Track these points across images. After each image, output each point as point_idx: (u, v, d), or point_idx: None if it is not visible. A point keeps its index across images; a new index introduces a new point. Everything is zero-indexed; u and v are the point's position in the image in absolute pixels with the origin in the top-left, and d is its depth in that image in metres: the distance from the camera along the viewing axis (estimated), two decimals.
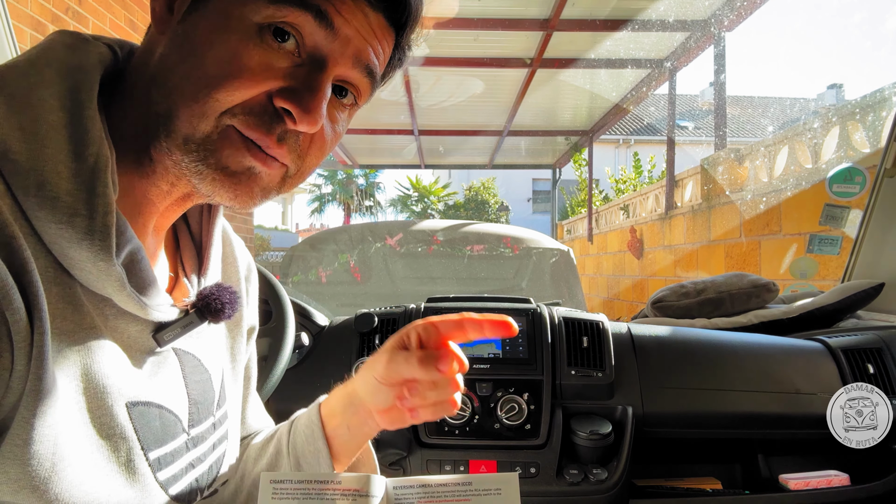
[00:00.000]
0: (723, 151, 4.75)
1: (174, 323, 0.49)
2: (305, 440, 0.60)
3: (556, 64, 5.30)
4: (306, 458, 0.59)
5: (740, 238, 4.23)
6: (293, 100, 0.44)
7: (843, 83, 31.21)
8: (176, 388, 0.49)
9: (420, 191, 16.86)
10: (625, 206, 7.13)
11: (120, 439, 0.42)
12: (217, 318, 0.51)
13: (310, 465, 0.59)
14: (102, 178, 0.40)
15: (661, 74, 5.58)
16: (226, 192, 0.46)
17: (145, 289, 0.45)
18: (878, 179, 1.40)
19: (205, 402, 0.54)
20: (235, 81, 0.43)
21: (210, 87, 0.42)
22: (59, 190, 0.39)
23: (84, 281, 0.41)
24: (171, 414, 0.48)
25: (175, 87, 0.43)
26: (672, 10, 4.65)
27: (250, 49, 0.43)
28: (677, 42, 5.14)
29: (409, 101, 6.26)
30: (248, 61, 0.43)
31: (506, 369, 1.01)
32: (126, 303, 0.43)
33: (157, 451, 0.46)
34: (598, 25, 4.64)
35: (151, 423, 0.45)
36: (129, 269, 0.43)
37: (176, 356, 0.50)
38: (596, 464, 0.94)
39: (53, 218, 0.39)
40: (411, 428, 0.97)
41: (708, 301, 1.40)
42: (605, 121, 7.21)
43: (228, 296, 0.52)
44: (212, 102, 0.43)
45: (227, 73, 0.43)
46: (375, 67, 0.49)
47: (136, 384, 0.44)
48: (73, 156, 0.40)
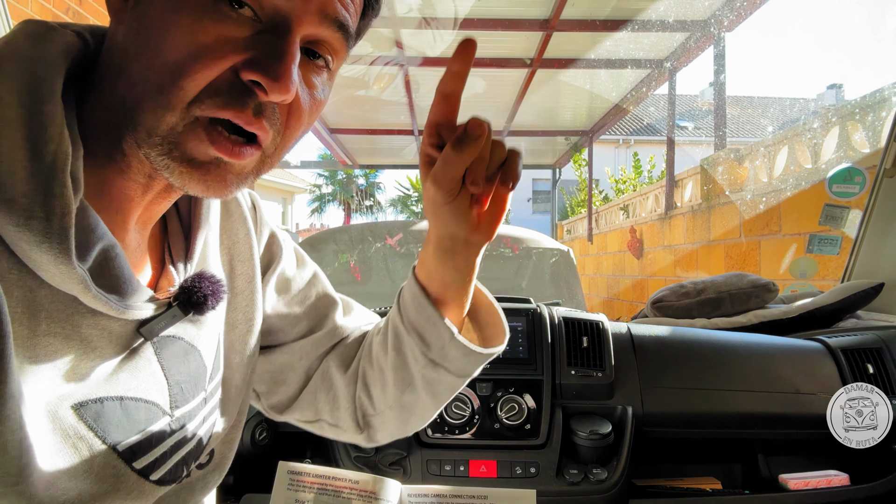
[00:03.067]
0: (722, 151, 4.75)
1: (158, 317, 0.47)
2: (416, 313, 0.57)
3: (556, 64, 5.30)
4: (426, 330, 0.57)
5: (740, 238, 4.24)
6: (259, 69, 0.41)
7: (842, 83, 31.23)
8: (149, 375, 0.48)
9: (420, 191, 16.86)
10: (625, 206, 7.13)
11: (77, 440, 0.42)
12: (200, 311, 0.50)
13: (433, 336, 0.57)
14: (59, 178, 0.38)
15: (660, 74, 5.58)
16: (197, 184, 0.44)
17: (119, 287, 0.43)
18: (878, 179, 1.41)
19: (191, 381, 0.52)
20: (196, 64, 0.40)
21: (174, 76, 0.40)
22: (15, 191, 0.37)
23: (51, 282, 0.40)
24: (139, 402, 0.47)
25: (138, 78, 0.41)
26: (672, 10, 4.65)
27: (206, 24, 0.40)
28: (677, 42, 5.14)
29: (409, 101, 6.26)
30: (205, 38, 0.40)
31: (506, 369, 1.01)
32: (93, 303, 0.42)
33: (128, 442, 0.45)
34: (598, 26, 4.64)
35: (111, 417, 0.44)
36: (100, 268, 0.41)
37: (150, 343, 0.49)
38: (596, 464, 0.94)
39: (10, 220, 0.37)
40: None
41: (708, 301, 1.40)
42: (605, 121, 7.22)
43: (210, 286, 0.50)
44: (177, 92, 0.40)
45: (187, 56, 0.40)
46: (346, 20, 0.46)
47: (92, 383, 0.43)
48: (30, 154, 0.38)
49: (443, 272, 0.55)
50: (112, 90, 0.44)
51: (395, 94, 6.02)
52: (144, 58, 0.41)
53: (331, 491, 0.45)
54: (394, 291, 0.82)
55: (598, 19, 4.58)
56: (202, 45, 0.40)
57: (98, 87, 0.45)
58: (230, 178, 0.45)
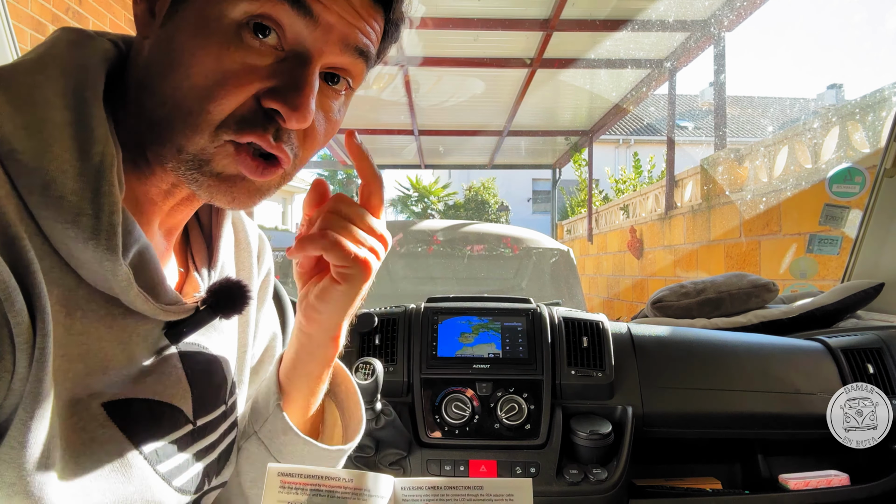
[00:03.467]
0: (723, 151, 4.75)
1: (186, 320, 0.48)
2: (264, 396, 0.59)
3: (556, 64, 5.30)
4: (260, 413, 0.58)
5: (740, 238, 4.23)
6: (280, 99, 0.43)
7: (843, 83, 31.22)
8: (175, 381, 0.49)
9: (420, 191, 16.85)
10: (625, 206, 7.13)
11: (107, 439, 0.42)
12: (228, 314, 0.51)
13: (267, 420, 0.57)
14: (108, 178, 0.40)
15: (661, 74, 5.58)
16: (223, 197, 0.46)
17: (154, 288, 0.44)
18: (878, 179, 1.41)
19: (213, 392, 0.53)
20: (222, 90, 0.42)
21: (201, 101, 0.42)
22: (65, 189, 0.39)
23: (91, 281, 0.41)
24: (166, 407, 0.48)
25: (167, 98, 0.43)
26: (672, 10, 4.65)
27: (232, 52, 0.42)
28: (677, 42, 5.14)
29: (409, 101, 6.26)
30: (230, 66, 0.42)
31: (506, 369, 1.01)
32: (134, 302, 0.43)
33: (153, 445, 0.46)
34: (598, 25, 4.64)
35: (140, 419, 0.45)
36: (137, 269, 0.43)
37: (177, 348, 0.50)
38: (596, 464, 0.94)
39: (59, 218, 0.38)
40: (411, 428, 0.98)
41: (708, 301, 1.40)
42: (605, 121, 7.21)
43: (238, 289, 0.51)
44: (205, 115, 0.42)
45: (214, 83, 0.42)
46: (368, 48, 0.47)
47: (121, 383, 0.44)
48: (79, 155, 0.39)
49: (292, 363, 0.56)
50: (138, 103, 0.45)
51: (395, 94, 6.02)
52: (173, 79, 0.43)
53: (324, 491, 0.44)
54: (394, 291, 0.81)
55: (598, 19, 4.58)
56: (228, 72, 0.42)
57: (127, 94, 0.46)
58: (254, 191, 0.47)
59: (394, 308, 1.12)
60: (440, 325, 1.06)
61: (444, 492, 0.47)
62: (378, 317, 1.08)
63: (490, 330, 1.06)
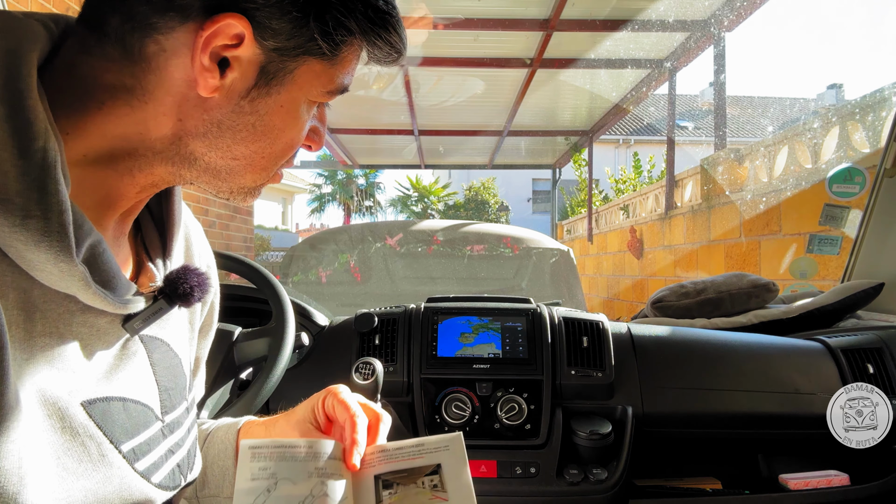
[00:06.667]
0: (723, 151, 4.75)
1: (144, 311, 0.48)
2: (217, 455, 0.64)
3: (556, 64, 5.29)
4: (213, 472, 0.64)
5: (740, 238, 4.23)
6: (315, 140, 0.54)
7: (843, 83, 31.21)
8: (143, 378, 0.49)
9: (420, 191, 16.86)
10: (625, 206, 7.13)
11: (86, 438, 0.42)
12: (187, 302, 0.50)
13: (214, 477, 0.64)
14: (53, 175, 0.37)
15: (661, 74, 5.58)
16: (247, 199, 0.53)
17: (109, 281, 0.43)
18: (878, 179, 1.41)
19: (177, 388, 0.53)
20: (293, 150, 0.51)
21: (277, 159, 0.50)
22: (8, 191, 0.36)
23: (46, 281, 0.40)
24: (137, 404, 0.47)
25: (242, 156, 0.48)
26: (672, 10, 4.65)
27: (306, 122, 0.51)
28: (677, 42, 5.13)
29: (409, 101, 6.25)
30: (304, 133, 0.51)
31: (506, 369, 1.01)
32: (92, 299, 0.42)
33: (130, 443, 0.46)
34: (598, 25, 4.64)
35: (115, 417, 0.44)
36: (90, 264, 0.41)
37: (143, 344, 0.50)
38: (596, 464, 0.94)
39: (5, 221, 0.36)
40: (411, 428, 0.98)
41: (708, 301, 1.40)
42: (605, 121, 7.21)
43: (196, 278, 0.51)
44: (275, 167, 0.51)
45: (291, 147, 0.51)
46: None
47: (94, 382, 0.43)
48: (19, 152, 0.37)
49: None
50: (181, 141, 0.46)
51: (395, 94, 6.02)
52: (258, 145, 0.48)
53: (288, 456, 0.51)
54: (394, 291, 0.82)
55: (598, 19, 4.57)
56: (302, 138, 0.51)
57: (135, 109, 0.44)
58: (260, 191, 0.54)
59: (394, 308, 1.12)
60: (440, 325, 1.06)
61: (392, 452, 0.56)
62: (378, 317, 1.08)
63: (490, 330, 1.06)
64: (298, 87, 0.47)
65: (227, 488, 0.63)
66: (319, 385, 1.04)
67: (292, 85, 0.47)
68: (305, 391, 1.04)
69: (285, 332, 0.98)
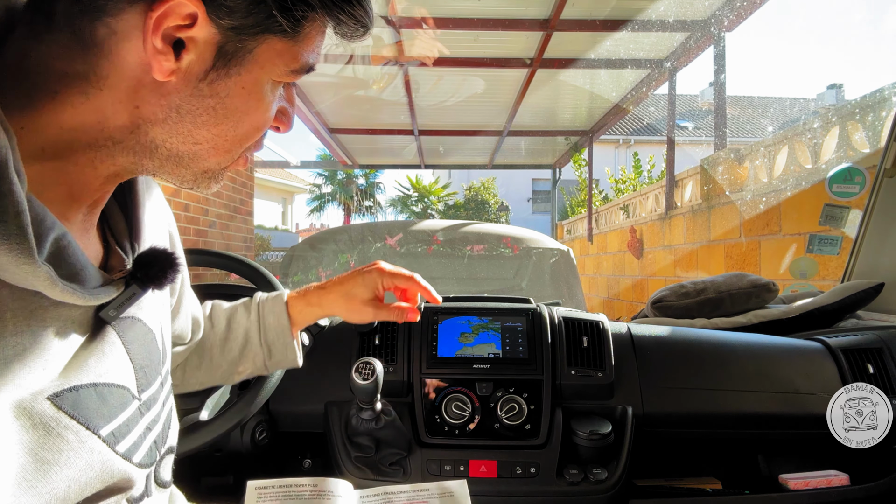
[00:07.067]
0: (723, 151, 4.75)
1: (117, 298, 0.47)
2: (277, 336, 0.78)
3: (556, 64, 5.29)
4: (279, 349, 0.79)
5: (740, 238, 4.23)
6: (284, 121, 0.53)
7: (843, 83, 31.20)
8: (117, 360, 0.48)
9: (420, 191, 16.86)
10: (625, 206, 7.13)
11: (63, 430, 0.41)
12: (160, 285, 0.50)
13: (278, 352, 0.79)
14: (6, 176, 0.36)
15: (661, 74, 5.57)
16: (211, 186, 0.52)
17: (77, 274, 0.42)
18: (878, 179, 1.41)
19: (151, 365, 0.53)
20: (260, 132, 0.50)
21: (243, 141, 0.49)
22: None
23: (12, 281, 0.39)
24: (112, 387, 0.47)
25: (205, 139, 0.47)
26: (672, 10, 4.65)
27: (271, 104, 0.50)
28: (677, 42, 5.13)
29: (409, 101, 6.25)
30: (270, 114, 0.50)
31: (506, 369, 1.01)
32: (60, 296, 0.41)
33: (109, 427, 0.45)
34: (598, 25, 4.63)
35: (89, 404, 0.44)
36: (56, 258, 0.40)
37: (115, 325, 0.49)
38: (596, 464, 0.94)
39: None
40: (411, 428, 0.98)
41: (708, 301, 1.40)
42: (605, 121, 7.21)
43: (167, 259, 0.50)
44: (240, 150, 0.50)
45: (257, 129, 0.50)
46: None
47: (61, 374, 0.43)
48: None
49: (320, 315, 0.81)
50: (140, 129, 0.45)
51: (395, 94, 6.02)
52: (220, 128, 0.47)
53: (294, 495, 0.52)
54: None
55: (598, 19, 4.57)
56: (269, 120, 0.50)
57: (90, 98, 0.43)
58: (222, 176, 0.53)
59: None
60: (440, 325, 1.06)
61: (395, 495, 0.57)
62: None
63: (490, 330, 1.06)
64: (260, 67, 0.46)
65: (289, 355, 0.80)
66: (319, 385, 1.04)
67: (253, 65, 0.45)
68: (305, 391, 1.05)
69: None
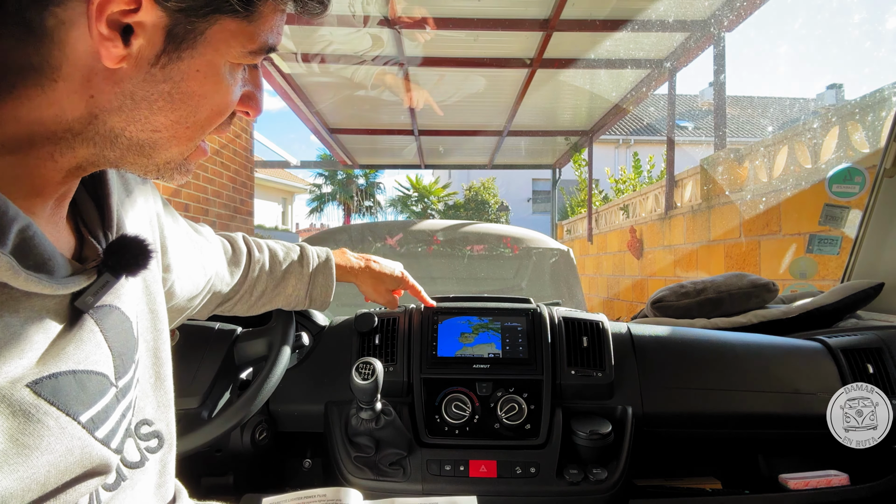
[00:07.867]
0: (722, 151, 4.75)
1: (91, 286, 0.47)
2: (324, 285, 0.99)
3: (556, 64, 5.29)
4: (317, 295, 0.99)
5: (740, 238, 4.23)
6: (252, 106, 0.52)
7: (843, 83, 31.17)
8: (96, 347, 0.48)
9: (420, 191, 16.86)
10: (624, 206, 7.13)
11: (43, 415, 0.41)
12: (132, 272, 0.50)
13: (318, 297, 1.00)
14: None
15: (660, 74, 5.57)
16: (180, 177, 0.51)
17: (45, 264, 0.43)
18: (878, 179, 1.41)
19: (128, 352, 0.53)
20: (221, 117, 0.49)
21: (203, 128, 0.48)
22: None
23: None
24: (91, 374, 0.47)
25: (163, 126, 0.46)
26: (672, 10, 4.65)
27: (231, 87, 0.48)
28: (677, 42, 5.13)
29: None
30: (231, 98, 0.49)
31: (506, 369, 1.01)
32: (25, 285, 0.41)
33: (88, 413, 0.45)
34: (598, 26, 4.63)
35: (68, 391, 0.44)
36: (21, 250, 0.40)
37: (92, 313, 0.49)
38: (596, 464, 0.94)
39: None
40: (411, 428, 0.98)
41: (708, 301, 1.40)
42: (604, 121, 7.21)
43: (138, 246, 0.50)
44: (200, 136, 0.49)
45: (217, 114, 0.48)
46: None
47: (42, 361, 0.43)
48: None
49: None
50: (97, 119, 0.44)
51: (395, 94, 6.02)
52: (178, 114, 0.46)
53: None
54: None
55: (598, 19, 4.57)
56: (230, 104, 0.49)
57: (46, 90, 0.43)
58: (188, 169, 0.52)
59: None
60: (440, 326, 1.06)
61: None
62: (378, 317, 1.08)
63: (490, 330, 1.06)
64: (214, 49, 0.45)
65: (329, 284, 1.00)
66: (319, 385, 1.04)
67: (206, 47, 0.45)
68: (305, 391, 1.05)
69: (285, 332, 0.98)
